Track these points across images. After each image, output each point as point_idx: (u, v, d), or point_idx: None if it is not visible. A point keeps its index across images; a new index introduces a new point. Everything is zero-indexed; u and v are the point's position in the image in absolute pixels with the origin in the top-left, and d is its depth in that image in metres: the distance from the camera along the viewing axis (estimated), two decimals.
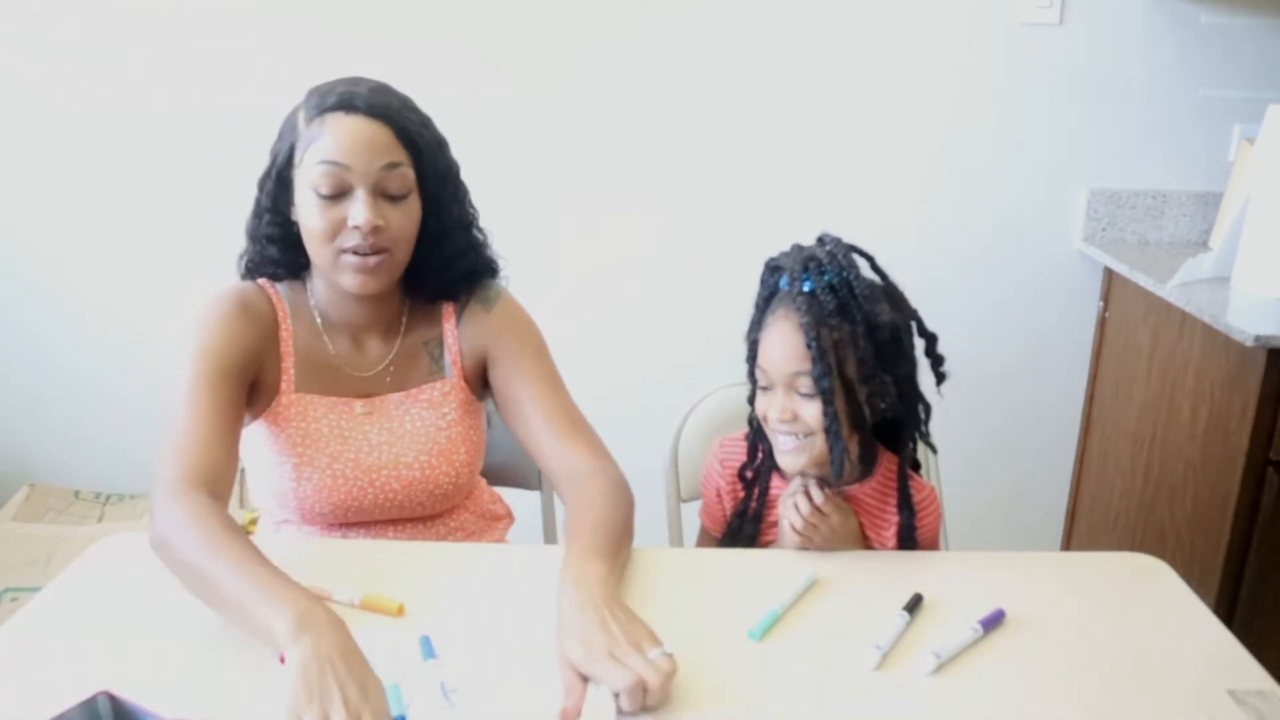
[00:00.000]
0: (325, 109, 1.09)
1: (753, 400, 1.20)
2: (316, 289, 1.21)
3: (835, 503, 1.16)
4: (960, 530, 1.55)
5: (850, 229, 1.29)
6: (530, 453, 1.21)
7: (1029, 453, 2.26)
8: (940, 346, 1.25)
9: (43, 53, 2.00)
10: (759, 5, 1.99)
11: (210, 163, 2.02)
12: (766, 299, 1.17)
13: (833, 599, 1.03)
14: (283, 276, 1.22)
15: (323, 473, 1.17)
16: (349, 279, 1.12)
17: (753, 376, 1.19)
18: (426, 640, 0.92)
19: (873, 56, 2.02)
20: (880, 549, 1.20)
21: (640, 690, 0.82)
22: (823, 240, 1.16)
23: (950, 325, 2.12)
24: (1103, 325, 2.13)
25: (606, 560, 0.98)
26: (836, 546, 1.14)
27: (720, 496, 1.28)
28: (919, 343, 1.21)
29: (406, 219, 1.12)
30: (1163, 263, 1.92)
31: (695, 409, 1.46)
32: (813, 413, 1.12)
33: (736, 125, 2.06)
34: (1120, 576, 1.10)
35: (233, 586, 0.90)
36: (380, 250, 1.11)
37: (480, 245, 1.25)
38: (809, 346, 1.10)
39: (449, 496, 1.23)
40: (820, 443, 1.12)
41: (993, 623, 0.97)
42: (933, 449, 1.24)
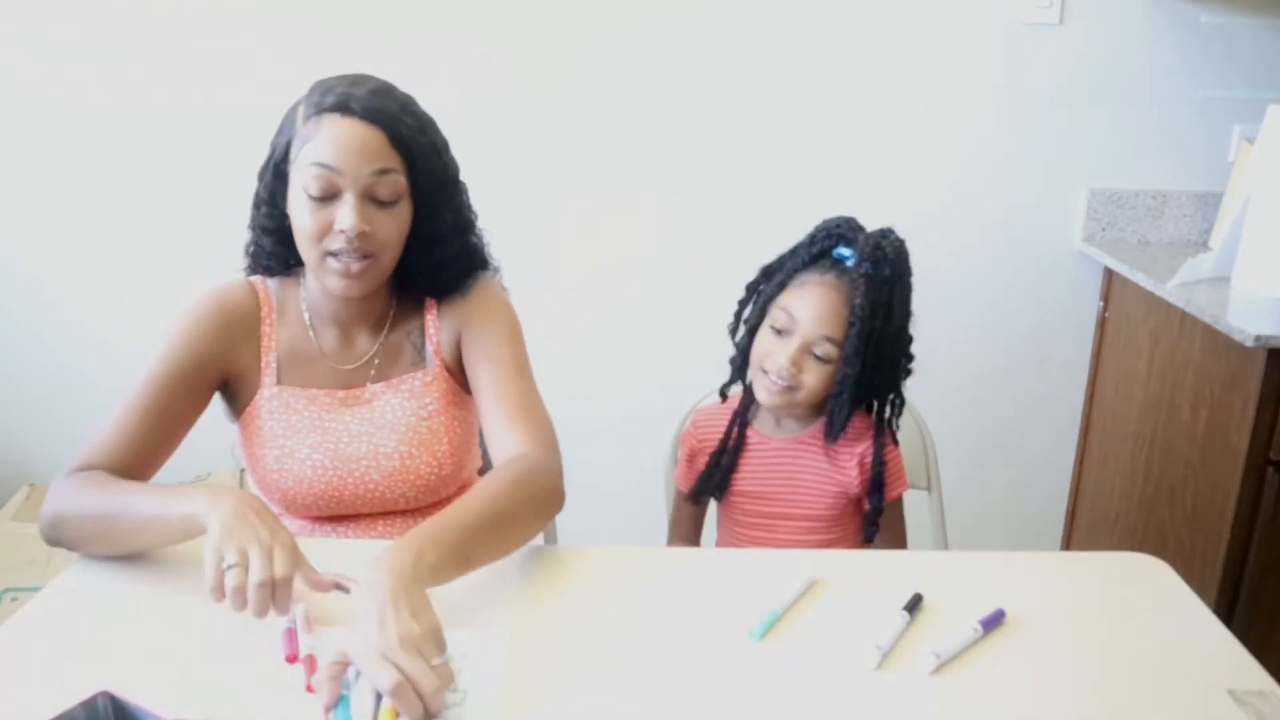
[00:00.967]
0: (323, 109, 1.09)
1: (750, 330, 1.29)
2: (308, 283, 1.22)
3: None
4: (960, 530, 1.55)
5: None
6: (484, 436, 1.20)
7: (1029, 452, 2.26)
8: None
9: (43, 53, 2.00)
10: (759, 5, 1.99)
11: (210, 162, 2.02)
12: (815, 256, 1.25)
13: (833, 599, 1.02)
14: (277, 270, 1.23)
15: (302, 463, 1.18)
16: (333, 281, 1.13)
17: (760, 311, 1.27)
18: None
19: (873, 56, 2.02)
20: (842, 480, 1.29)
21: (408, 693, 0.77)
22: (888, 234, 1.24)
23: (950, 325, 2.15)
24: (1103, 325, 2.13)
25: (435, 549, 0.91)
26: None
27: (693, 457, 1.37)
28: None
29: (394, 224, 1.13)
30: (1163, 263, 1.92)
31: (695, 404, 1.46)
32: (818, 374, 1.23)
33: (736, 125, 2.06)
34: (1120, 576, 1.10)
35: (142, 507, 1.00)
36: (366, 255, 1.11)
37: (474, 249, 1.24)
38: (852, 324, 1.20)
39: (433, 489, 1.22)
40: (801, 398, 1.24)
41: (993, 623, 0.97)
42: (895, 440, 1.34)
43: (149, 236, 2.10)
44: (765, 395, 1.27)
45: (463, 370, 1.24)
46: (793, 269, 1.27)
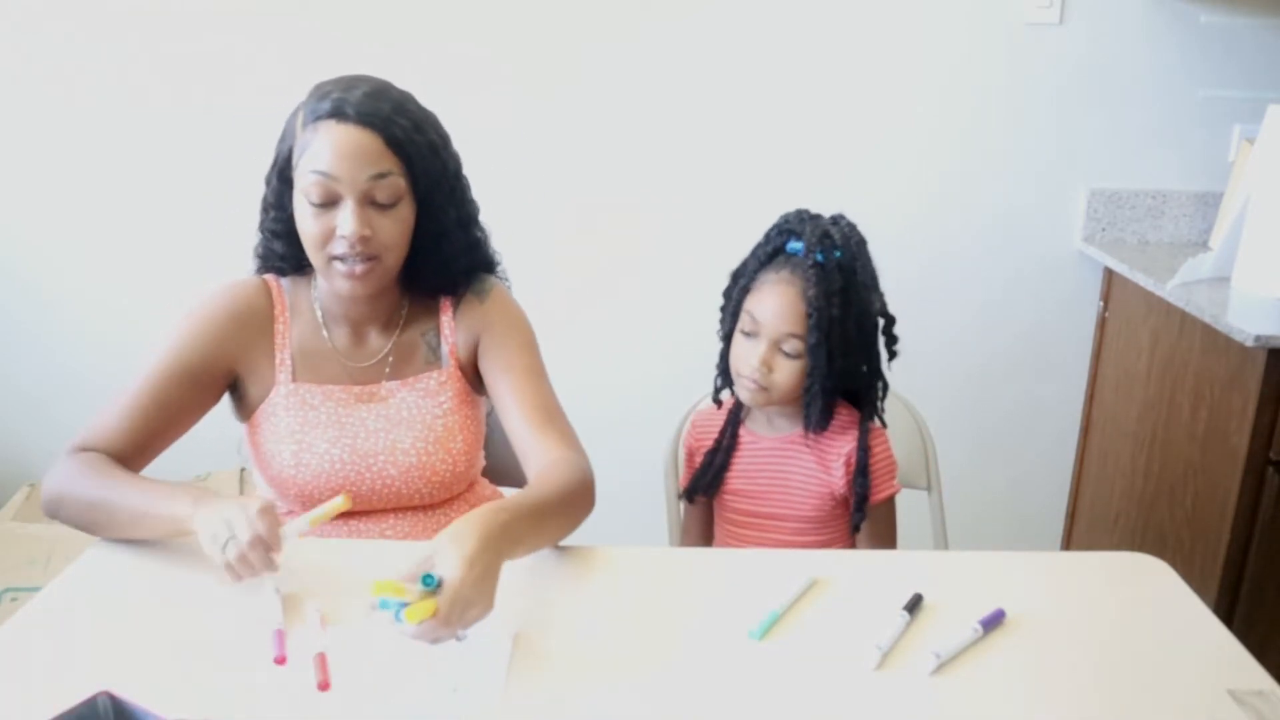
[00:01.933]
0: (319, 116, 1.10)
1: (727, 338, 1.32)
2: (319, 283, 1.24)
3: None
4: (960, 530, 1.55)
5: None
6: (510, 442, 1.22)
7: (1029, 452, 2.26)
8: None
9: (43, 53, 2.00)
10: (759, 6, 1.99)
11: (210, 162, 2.02)
12: (771, 254, 1.28)
13: (833, 599, 1.02)
14: (288, 271, 1.25)
15: (320, 458, 1.19)
16: (339, 284, 1.15)
17: (732, 316, 1.30)
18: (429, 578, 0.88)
19: (873, 56, 2.02)
20: (829, 480, 1.29)
21: (428, 627, 0.84)
22: (837, 220, 1.26)
23: (950, 325, 2.15)
24: (1103, 325, 2.13)
25: (520, 521, 0.97)
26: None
27: (691, 457, 1.40)
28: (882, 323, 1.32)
29: (396, 226, 1.14)
30: (1163, 263, 1.92)
31: (695, 409, 1.46)
32: (788, 371, 1.24)
33: (737, 125, 2.06)
34: (1120, 576, 1.10)
35: (133, 501, 1.04)
36: (370, 258, 1.13)
37: (479, 243, 1.26)
38: (809, 315, 1.21)
39: (447, 485, 1.24)
40: (776, 396, 1.26)
41: (993, 623, 0.97)
42: (883, 423, 1.34)
43: (149, 237, 2.10)
44: (745, 396, 1.30)
45: (476, 372, 1.27)
46: (753, 270, 1.29)
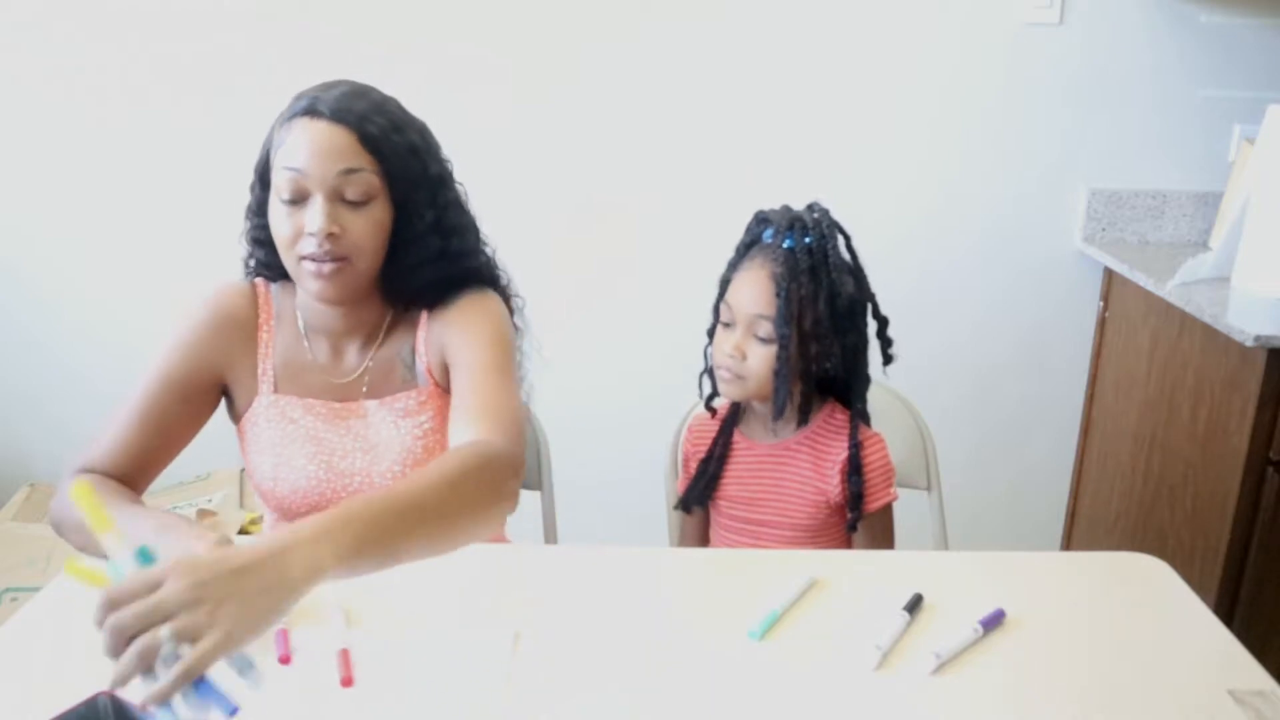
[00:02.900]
0: (294, 114, 1.09)
1: (712, 333, 1.33)
2: (301, 292, 1.20)
3: None
4: (960, 530, 1.55)
5: (850, 228, 1.30)
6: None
7: (1029, 452, 2.26)
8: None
9: (43, 53, 2.00)
10: (759, 6, 1.99)
11: (210, 163, 2.02)
12: (748, 245, 1.30)
13: (833, 599, 1.03)
14: (275, 277, 1.22)
15: (298, 473, 1.17)
16: (309, 285, 1.11)
17: (714, 313, 1.32)
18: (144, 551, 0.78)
19: (873, 56, 2.02)
20: (824, 488, 1.28)
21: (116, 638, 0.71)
22: (812, 207, 1.29)
23: (950, 325, 2.15)
24: (1103, 325, 2.13)
25: (353, 532, 0.78)
26: None
27: (686, 463, 1.40)
28: (874, 326, 1.32)
29: (367, 225, 1.09)
30: (1163, 263, 1.92)
31: (695, 409, 1.46)
32: (761, 356, 1.25)
33: (736, 125, 2.05)
34: (1120, 576, 1.10)
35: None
36: (339, 258, 1.08)
37: (458, 254, 1.18)
38: (777, 295, 1.22)
39: None
40: (752, 385, 1.26)
41: (993, 623, 0.97)
42: (866, 420, 1.32)
43: (149, 237, 2.10)
44: (723, 389, 1.31)
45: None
46: (733, 264, 1.31)
